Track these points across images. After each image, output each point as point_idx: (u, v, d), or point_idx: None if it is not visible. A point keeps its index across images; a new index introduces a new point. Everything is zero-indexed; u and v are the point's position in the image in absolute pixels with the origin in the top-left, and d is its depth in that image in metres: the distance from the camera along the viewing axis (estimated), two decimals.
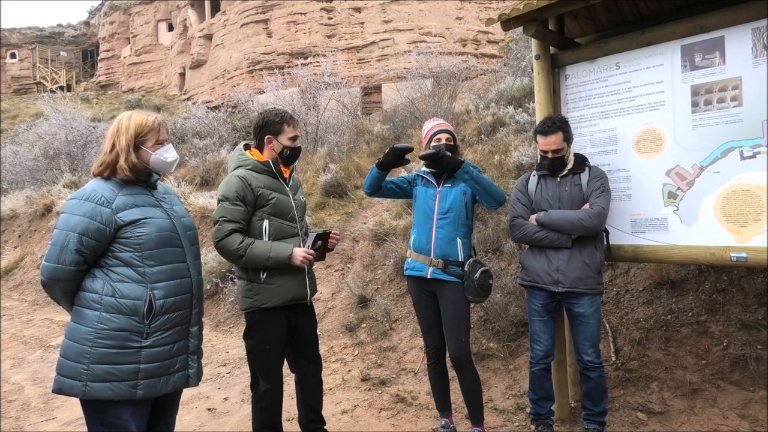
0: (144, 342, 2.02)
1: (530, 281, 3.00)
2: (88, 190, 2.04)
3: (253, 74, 21.22)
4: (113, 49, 33.85)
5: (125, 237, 2.03)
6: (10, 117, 26.52)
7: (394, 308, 5.12)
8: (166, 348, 2.07)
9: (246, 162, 2.73)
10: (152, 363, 2.03)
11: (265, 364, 2.71)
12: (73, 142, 13.57)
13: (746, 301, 3.69)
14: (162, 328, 2.06)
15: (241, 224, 2.63)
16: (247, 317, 2.75)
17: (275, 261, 2.61)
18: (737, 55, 2.69)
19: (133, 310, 2.01)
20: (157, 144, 2.14)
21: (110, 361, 1.96)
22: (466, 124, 9.46)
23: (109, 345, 1.97)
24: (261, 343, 2.69)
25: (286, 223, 2.74)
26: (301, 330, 2.86)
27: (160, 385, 2.06)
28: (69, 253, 1.97)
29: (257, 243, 2.62)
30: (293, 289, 2.73)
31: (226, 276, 6.37)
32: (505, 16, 3.09)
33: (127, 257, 2.03)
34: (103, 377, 1.95)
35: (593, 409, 2.94)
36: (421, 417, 3.58)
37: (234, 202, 2.61)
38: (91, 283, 2.03)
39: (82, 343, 1.97)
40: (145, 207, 2.10)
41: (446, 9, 20.20)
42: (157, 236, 2.07)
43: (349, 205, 7.37)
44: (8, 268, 10.32)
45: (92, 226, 1.98)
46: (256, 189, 2.65)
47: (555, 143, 2.89)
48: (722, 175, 2.74)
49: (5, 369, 5.26)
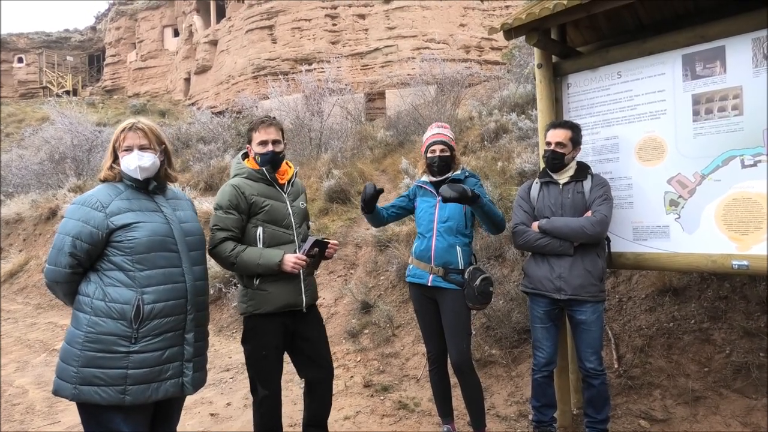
0: (132, 347, 2.00)
1: (532, 288, 3.01)
2: (86, 195, 2.11)
3: (257, 80, 21.32)
4: (119, 54, 34.09)
5: (117, 241, 2.05)
6: (17, 121, 26.70)
7: (397, 314, 5.13)
8: (156, 354, 2.04)
9: (242, 170, 2.77)
10: (140, 369, 2.01)
11: (262, 371, 2.72)
12: (79, 146, 13.66)
13: (749, 308, 3.69)
14: (151, 333, 2.04)
15: (234, 232, 2.65)
16: (244, 322, 2.77)
17: (265, 267, 2.61)
18: (738, 65, 2.71)
19: (121, 314, 2.00)
20: (124, 151, 2.15)
21: (98, 365, 1.97)
22: (469, 130, 9.49)
23: (96, 348, 1.98)
24: (257, 349, 2.70)
25: (280, 230, 2.73)
26: (302, 336, 2.82)
27: (150, 392, 2.02)
28: (63, 256, 2.02)
29: (248, 250, 2.63)
30: (286, 296, 2.70)
31: (229, 281, 6.40)
32: (508, 26, 3.11)
33: (119, 261, 2.05)
34: (91, 381, 1.96)
35: (595, 416, 2.94)
36: (423, 423, 3.58)
37: (227, 211, 2.64)
38: (85, 287, 2.06)
39: (74, 345, 2.01)
40: (141, 211, 2.12)
41: (450, 16, 20.28)
42: (148, 240, 2.07)
43: (352, 211, 7.39)
44: (13, 271, 10.36)
45: (85, 230, 2.02)
46: (250, 197, 2.67)
47: (560, 136, 2.94)
48: (723, 184, 2.75)
49: (10, 372, 5.29)
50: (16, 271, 10.36)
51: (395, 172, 8.77)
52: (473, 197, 2.83)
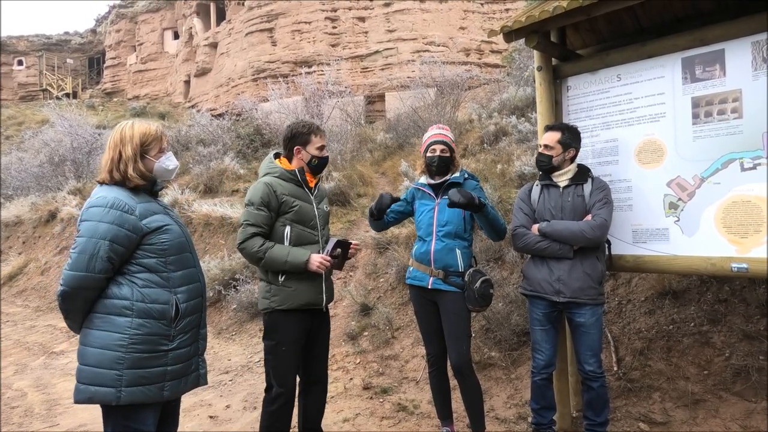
0: (171, 345, 2.09)
1: (532, 291, 3.02)
2: (111, 198, 2.04)
3: (257, 82, 21.33)
4: (119, 57, 34.10)
5: (150, 243, 2.08)
6: (16, 123, 26.70)
7: (396, 317, 5.13)
8: (187, 350, 2.16)
9: (274, 170, 2.84)
10: (177, 365, 2.11)
11: (280, 366, 2.75)
12: (79, 148, 13.67)
13: (748, 311, 3.69)
14: (184, 330, 2.14)
15: (264, 228, 2.73)
16: (265, 318, 2.83)
17: (292, 265, 2.70)
18: (737, 68, 2.71)
19: (161, 315, 2.07)
20: (159, 152, 2.20)
21: (143, 366, 2.02)
22: (468, 133, 9.51)
23: (142, 350, 2.02)
24: (277, 345, 2.76)
25: (307, 230, 2.82)
26: (315, 336, 2.91)
27: (181, 386, 2.14)
28: (100, 261, 1.98)
29: (276, 247, 2.71)
30: (308, 294, 2.79)
31: (228, 283, 6.40)
32: (507, 28, 3.12)
33: (152, 263, 2.08)
34: (137, 381, 2.00)
35: (595, 419, 2.94)
36: (422, 426, 3.58)
37: (258, 207, 2.71)
38: (118, 290, 2.04)
39: (115, 349, 1.99)
40: (161, 214, 2.16)
41: (450, 19, 20.31)
42: (178, 242, 2.16)
43: (352, 213, 7.40)
44: (12, 274, 10.36)
45: (121, 233, 2.01)
46: (281, 196, 2.75)
47: (547, 138, 3.00)
48: (723, 187, 2.76)
49: (9, 375, 5.28)
50: (16, 274, 10.36)
51: (395, 175, 8.78)
52: (479, 205, 2.86)
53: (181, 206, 8.87)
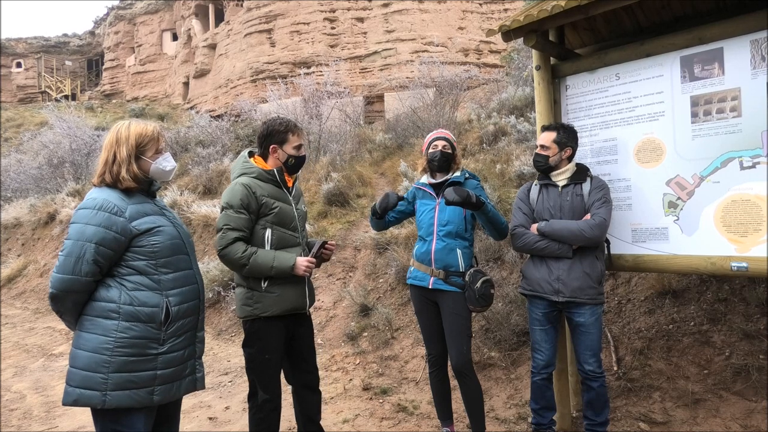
0: (161, 348, 2.05)
1: (531, 290, 3.01)
2: (100, 200, 2.02)
3: (256, 83, 21.34)
4: (118, 59, 34.12)
5: (139, 246, 2.04)
6: (15, 126, 26.71)
7: (396, 317, 5.12)
8: (180, 353, 2.11)
9: (250, 170, 2.70)
10: (168, 369, 2.07)
11: (264, 374, 2.69)
12: (77, 150, 13.65)
13: (748, 310, 3.69)
14: (176, 334, 2.10)
15: (245, 233, 2.61)
16: (246, 326, 2.72)
17: (278, 270, 2.60)
18: (736, 67, 2.71)
19: (150, 318, 2.03)
20: (156, 153, 2.16)
21: (130, 369, 1.98)
22: (468, 133, 9.50)
23: (129, 353, 1.98)
24: (260, 352, 2.67)
25: (288, 232, 2.72)
26: (299, 340, 2.85)
27: (174, 390, 2.10)
28: (86, 264, 1.95)
29: (261, 252, 2.61)
30: (293, 299, 2.71)
31: (228, 284, 6.39)
32: (506, 28, 3.11)
33: (142, 266, 2.05)
34: (123, 385, 1.97)
35: (595, 419, 2.93)
36: (422, 426, 3.57)
37: (238, 210, 2.58)
38: (106, 293, 2.02)
39: (101, 352, 1.96)
40: (154, 215, 2.12)
41: (448, 19, 20.33)
42: (170, 244, 2.11)
43: (351, 214, 7.39)
44: (11, 276, 10.34)
45: (108, 236, 1.98)
46: (260, 197, 2.63)
47: (543, 138, 3.01)
48: (722, 185, 2.75)
49: (8, 377, 5.27)
50: (15, 276, 10.34)
51: (394, 175, 8.78)
52: (477, 203, 2.84)
53: (180, 207, 8.86)
